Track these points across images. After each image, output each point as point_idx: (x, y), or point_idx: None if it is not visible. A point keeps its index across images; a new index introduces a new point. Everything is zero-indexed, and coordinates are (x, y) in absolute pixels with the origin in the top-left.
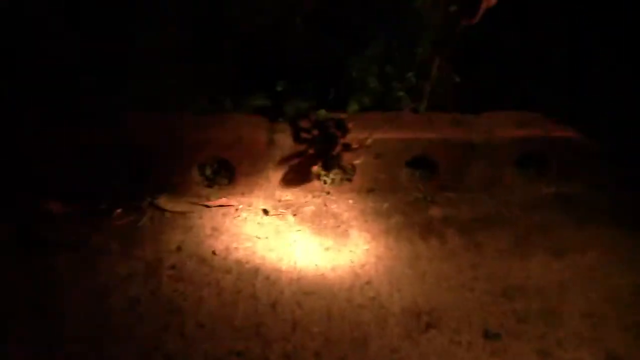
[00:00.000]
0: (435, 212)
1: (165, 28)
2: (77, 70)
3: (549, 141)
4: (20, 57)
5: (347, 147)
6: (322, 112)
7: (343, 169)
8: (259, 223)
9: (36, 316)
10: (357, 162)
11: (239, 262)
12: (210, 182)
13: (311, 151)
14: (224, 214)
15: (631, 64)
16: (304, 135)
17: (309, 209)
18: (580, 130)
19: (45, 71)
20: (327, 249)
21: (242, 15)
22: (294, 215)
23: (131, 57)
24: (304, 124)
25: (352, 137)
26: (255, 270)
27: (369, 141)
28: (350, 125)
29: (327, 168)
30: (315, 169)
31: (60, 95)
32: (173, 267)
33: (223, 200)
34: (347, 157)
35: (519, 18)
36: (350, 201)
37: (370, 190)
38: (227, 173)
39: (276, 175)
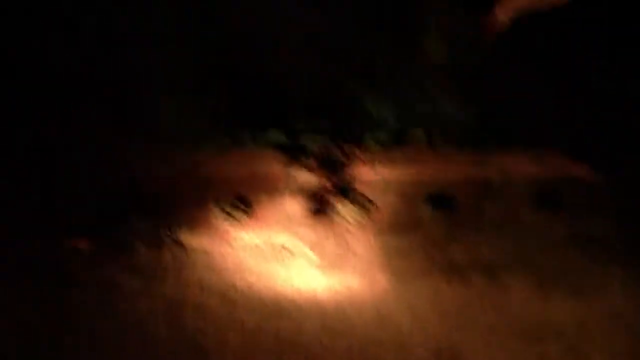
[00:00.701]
0: (456, 251)
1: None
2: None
3: (565, 180)
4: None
5: (365, 183)
6: (339, 148)
7: (362, 206)
8: (279, 259)
9: (55, 352)
10: (375, 198)
11: (261, 300)
12: (230, 218)
13: (329, 187)
14: (244, 250)
15: None
16: (321, 170)
17: (329, 246)
18: (596, 169)
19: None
20: (348, 286)
21: (260, 51)
22: (315, 252)
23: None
24: (321, 159)
25: (370, 172)
26: (278, 309)
27: (386, 177)
28: (367, 161)
29: (346, 204)
30: (335, 205)
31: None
32: (195, 304)
33: (243, 236)
34: (366, 193)
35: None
36: (371, 238)
37: (390, 227)
38: (247, 208)
39: (295, 211)
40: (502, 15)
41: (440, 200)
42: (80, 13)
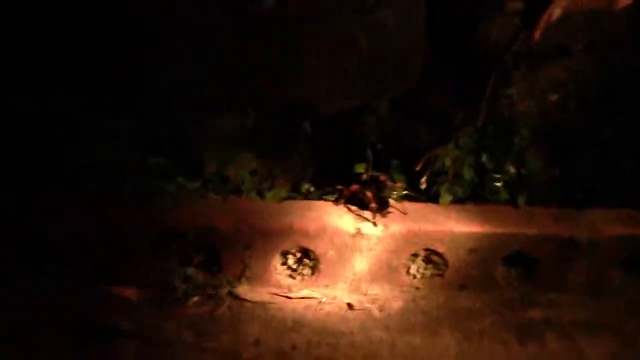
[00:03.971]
0: (533, 313)
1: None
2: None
3: None
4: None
5: (438, 240)
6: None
7: (434, 263)
8: (343, 317)
9: None
10: (448, 255)
11: (318, 359)
12: (293, 273)
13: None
14: (306, 307)
15: None
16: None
17: (396, 305)
18: None
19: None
20: (415, 348)
21: (325, 98)
22: (381, 310)
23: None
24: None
25: (443, 228)
26: None
27: (461, 234)
28: (440, 216)
29: (417, 261)
30: (404, 262)
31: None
32: None
33: (306, 292)
34: (438, 250)
35: (617, 112)
36: (441, 298)
37: (462, 287)
38: (311, 263)
39: (362, 267)
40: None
41: (519, 259)
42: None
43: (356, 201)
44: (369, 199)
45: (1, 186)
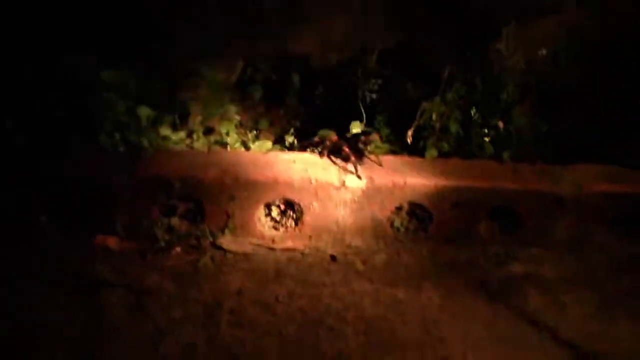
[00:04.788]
0: (516, 268)
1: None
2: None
3: None
4: None
5: (422, 194)
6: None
7: (417, 217)
8: (325, 269)
9: (83, 358)
10: (432, 209)
11: (302, 310)
12: (277, 224)
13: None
14: (289, 258)
15: None
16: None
17: (379, 258)
18: None
19: None
20: (398, 302)
21: (314, 51)
22: (364, 263)
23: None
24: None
25: (428, 183)
26: (320, 320)
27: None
28: (426, 170)
29: (401, 215)
30: (388, 215)
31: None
32: (232, 311)
33: (289, 244)
34: (423, 204)
35: (607, 67)
36: (425, 252)
37: (446, 242)
38: (295, 215)
39: (346, 219)
40: None
41: (503, 215)
42: None
43: (340, 154)
44: (346, 152)
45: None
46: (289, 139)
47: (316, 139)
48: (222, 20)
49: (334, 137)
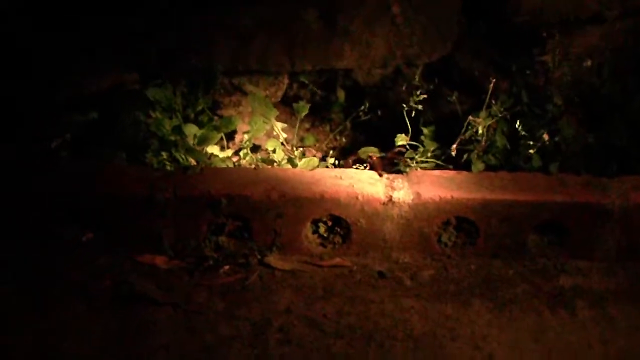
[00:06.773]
0: (564, 281)
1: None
2: None
3: None
4: None
5: (469, 208)
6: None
7: (466, 231)
8: (373, 286)
9: None
10: (479, 223)
11: (351, 327)
12: (324, 241)
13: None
14: (337, 275)
15: None
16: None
17: (427, 273)
18: None
19: None
20: (446, 317)
21: (357, 66)
22: (411, 279)
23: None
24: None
25: (475, 196)
26: (369, 337)
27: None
28: (472, 184)
29: (448, 230)
30: (435, 229)
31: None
32: (281, 329)
33: (337, 261)
34: (469, 218)
35: None
36: (473, 266)
37: (494, 256)
38: (342, 231)
39: (393, 235)
40: None
41: (551, 227)
42: None
43: (386, 169)
44: (392, 167)
45: None
46: (335, 154)
47: (361, 154)
48: (264, 36)
49: (379, 152)
